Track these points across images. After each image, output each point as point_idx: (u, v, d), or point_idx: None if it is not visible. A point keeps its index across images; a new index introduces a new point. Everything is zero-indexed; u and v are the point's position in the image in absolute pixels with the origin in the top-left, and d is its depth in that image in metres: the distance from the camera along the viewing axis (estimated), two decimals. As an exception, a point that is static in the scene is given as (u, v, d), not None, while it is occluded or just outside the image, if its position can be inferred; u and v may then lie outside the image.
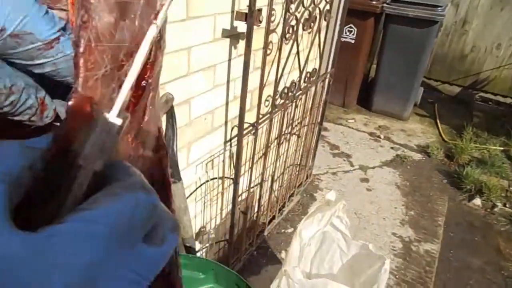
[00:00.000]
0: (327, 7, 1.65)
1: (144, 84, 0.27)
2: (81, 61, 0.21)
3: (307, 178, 2.47)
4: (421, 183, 2.67)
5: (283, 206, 2.17)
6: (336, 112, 3.64)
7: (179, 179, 1.13)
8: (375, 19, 3.24)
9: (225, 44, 1.23)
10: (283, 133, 1.73)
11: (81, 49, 0.21)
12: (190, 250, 1.24)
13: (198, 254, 1.46)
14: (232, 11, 1.18)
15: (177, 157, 1.12)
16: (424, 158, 2.99)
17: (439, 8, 3.02)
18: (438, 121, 3.55)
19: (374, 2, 3.13)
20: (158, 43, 0.27)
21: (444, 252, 2.12)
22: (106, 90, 0.22)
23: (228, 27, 1.19)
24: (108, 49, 0.22)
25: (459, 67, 4.17)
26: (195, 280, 1.03)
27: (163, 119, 1.06)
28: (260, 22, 1.14)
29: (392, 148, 3.09)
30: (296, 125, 1.93)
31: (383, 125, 3.47)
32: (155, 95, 0.29)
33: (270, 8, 1.18)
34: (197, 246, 1.51)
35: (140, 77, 0.26)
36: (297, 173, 2.24)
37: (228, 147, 1.49)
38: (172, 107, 1.04)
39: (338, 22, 1.97)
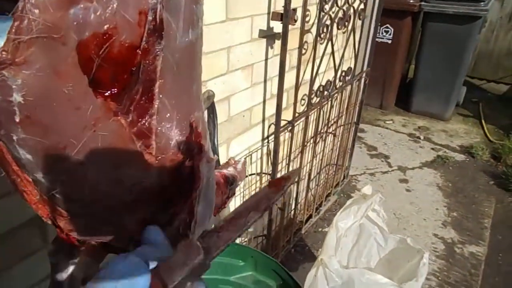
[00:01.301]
0: (362, 6, 1.67)
1: (133, 68, 0.26)
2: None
3: (344, 178, 2.46)
4: (465, 184, 2.58)
5: (320, 205, 2.18)
6: (374, 113, 3.59)
7: (220, 172, 1.19)
8: (413, 18, 3.18)
9: (262, 44, 1.29)
10: (319, 131, 1.75)
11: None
12: (230, 241, 1.29)
13: (238, 247, 1.51)
14: (269, 12, 1.24)
15: (218, 151, 1.19)
16: (467, 159, 2.87)
17: (481, 3, 2.92)
18: (483, 120, 3.40)
19: (411, 1, 3.08)
20: (154, 32, 0.26)
21: (491, 255, 2.03)
22: None
23: (265, 28, 1.26)
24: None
25: (506, 64, 3.97)
26: (235, 267, 1.08)
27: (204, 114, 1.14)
28: (295, 21, 1.19)
29: (432, 149, 3.00)
30: (332, 124, 1.95)
31: (423, 126, 3.37)
32: (166, 86, 0.28)
33: (305, 8, 1.23)
34: (237, 240, 1.57)
35: (124, 58, 0.25)
36: (333, 173, 2.25)
37: (265, 144, 1.55)
38: (213, 103, 1.11)
39: (373, 21, 1.97)
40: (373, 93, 3.50)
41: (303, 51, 1.36)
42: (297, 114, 1.48)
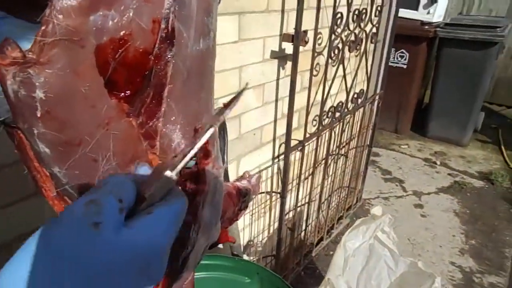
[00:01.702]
0: (374, 30, 1.70)
1: (146, 73, 0.28)
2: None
3: (357, 201, 2.43)
4: (484, 211, 2.49)
5: (332, 228, 2.15)
6: (388, 138, 3.56)
7: (229, 188, 1.21)
8: (428, 43, 3.20)
9: (273, 65, 1.33)
10: (330, 153, 1.76)
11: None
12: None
13: (246, 267, 1.50)
14: (281, 34, 1.28)
15: (228, 168, 1.20)
16: (486, 186, 2.79)
17: (498, 29, 2.92)
18: (502, 147, 3.32)
19: (426, 27, 3.11)
20: (166, 40, 0.28)
21: (512, 286, 1.93)
22: None
23: (277, 49, 1.30)
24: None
25: (526, 91, 3.91)
26: (240, 284, 1.08)
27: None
28: (306, 42, 1.23)
29: (449, 174, 2.94)
30: (344, 146, 1.95)
31: (439, 151, 3.32)
32: (175, 91, 0.30)
33: (316, 31, 1.26)
34: (245, 257, 1.56)
35: (138, 63, 0.27)
36: (346, 195, 2.22)
37: (276, 163, 1.56)
38: (224, 120, 1.14)
39: (386, 46, 2.00)
40: (388, 118, 3.48)
41: (315, 72, 1.39)
42: (308, 135, 1.49)
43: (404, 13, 3.01)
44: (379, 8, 1.67)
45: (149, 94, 0.29)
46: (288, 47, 1.30)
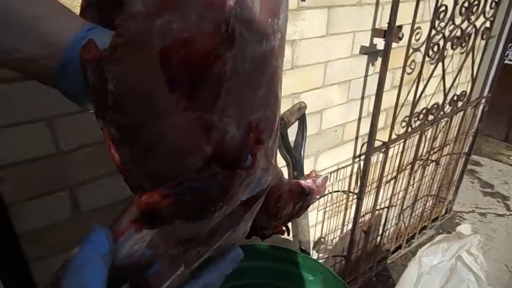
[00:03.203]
0: (487, 24, 1.50)
1: (206, 72, 0.29)
2: None
3: (445, 213, 2.21)
4: None
5: (413, 238, 2.00)
6: (496, 146, 3.14)
7: (303, 183, 1.20)
8: (561, 40, 2.69)
9: (362, 61, 1.27)
10: (418, 157, 1.62)
11: None
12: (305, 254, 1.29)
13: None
14: (373, 29, 1.21)
15: (303, 162, 1.20)
16: None
17: None
18: None
19: (560, 21, 2.62)
20: (226, 41, 0.29)
21: None
22: None
23: (367, 44, 1.23)
24: None
25: None
26: (303, 279, 1.08)
27: (295, 125, 1.17)
28: (400, 39, 1.14)
29: None
30: (436, 152, 1.78)
31: (561, 169, 2.81)
32: (232, 88, 0.31)
33: (413, 25, 1.17)
34: (314, 255, 1.55)
35: (199, 63, 0.29)
36: (433, 205, 2.04)
37: (356, 162, 1.50)
38: (304, 115, 1.13)
39: (502, 41, 1.75)
40: (497, 123, 3.06)
41: (409, 70, 1.29)
42: (394, 136, 1.40)
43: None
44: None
45: (207, 91, 0.31)
46: (380, 43, 1.23)
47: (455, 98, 1.61)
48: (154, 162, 0.32)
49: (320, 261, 1.56)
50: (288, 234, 0.57)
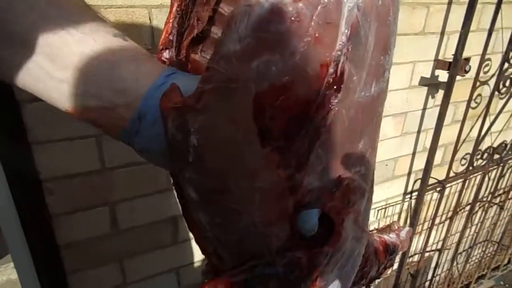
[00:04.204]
0: None
1: (305, 122, 0.25)
2: None
3: (508, 262, 1.98)
4: None
5: (468, 286, 1.81)
6: None
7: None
8: None
9: (421, 92, 1.18)
10: (479, 199, 1.47)
11: None
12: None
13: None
14: (435, 59, 1.13)
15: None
16: None
17: None
18: None
19: None
20: (332, 86, 0.25)
21: None
22: None
23: (428, 75, 1.15)
24: None
25: None
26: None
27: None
28: (466, 72, 1.05)
29: None
30: (500, 194, 1.61)
31: None
32: (329, 141, 0.26)
33: (483, 57, 1.07)
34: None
35: (297, 112, 0.24)
36: (493, 252, 1.83)
37: (407, 200, 1.39)
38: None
39: None
40: None
41: (474, 104, 1.19)
42: (452, 174, 1.28)
43: None
44: None
45: (303, 145, 0.26)
46: (443, 75, 1.14)
47: (527, 137, 1.44)
48: (234, 232, 0.27)
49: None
50: None
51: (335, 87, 0.24)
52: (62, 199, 0.76)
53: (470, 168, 1.32)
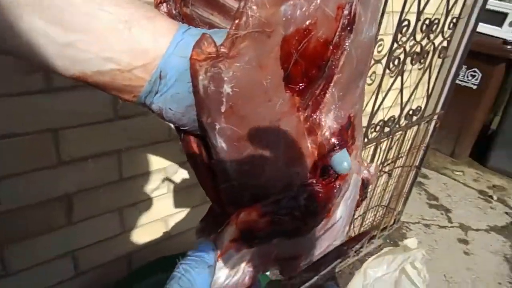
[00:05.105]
0: (444, 43, 1.54)
1: (322, 64, 0.27)
2: None
3: (394, 223, 2.27)
4: (539, 262, 2.22)
5: (361, 247, 2.03)
6: (442, 160, 3.30)
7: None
8: (508, 65, 2.88)
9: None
10: (372, 168, 1.64)
11: None
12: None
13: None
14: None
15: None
16: (548, 234, 2.49)
17: None
18: None
19: (509, 47, 2.80)
20: (347, 27, 0.27)
21: None
22: None
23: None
24: None
25: None
26: None
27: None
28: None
29: (506, 213, 2.66)
30: (389, 164, 1.82)
31: (499, 185, 3.01)
32: (341, 80, 0.28)
33: (376, 37, 1.16)
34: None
35: (317, 54, 0.26)
36: (382, 215, 2.08)
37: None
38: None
39: (457, 62, 1.81)
40: (445, 139, 3.22)
41: (369, 81, 1.29)
42: (350, 146, 1.39)
43: (484, 28, 2.73)
44: (454, 20, 1.51)
45: (319, 86, 0.28)
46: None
47: (411, 112, 1.64)
48: (260, 176, 0.28)
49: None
50: None
51: (348, 28, 0.27)
52: (82, 207, 0.81)
53: (365, 140, 1.45)
